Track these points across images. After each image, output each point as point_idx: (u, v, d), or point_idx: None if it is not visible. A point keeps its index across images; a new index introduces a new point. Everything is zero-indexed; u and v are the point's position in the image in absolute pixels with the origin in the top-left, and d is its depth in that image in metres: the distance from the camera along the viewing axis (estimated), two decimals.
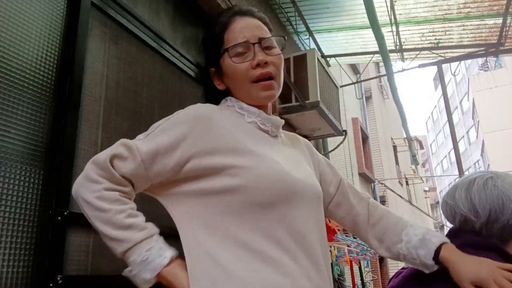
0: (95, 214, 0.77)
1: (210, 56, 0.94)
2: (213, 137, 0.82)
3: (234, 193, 0.79)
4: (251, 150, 0.83)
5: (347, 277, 4.15)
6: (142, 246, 0.77)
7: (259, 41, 0.88)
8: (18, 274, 1.13)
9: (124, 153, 0.80)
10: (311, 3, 3.61)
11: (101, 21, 1.61)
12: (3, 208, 1.12)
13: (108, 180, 0.79)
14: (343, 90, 6.22)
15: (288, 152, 0.94)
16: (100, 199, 0.77)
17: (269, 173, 0.80)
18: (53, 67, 1.35)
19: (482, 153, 27.74)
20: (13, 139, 1.18)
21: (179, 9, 2.24)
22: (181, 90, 2.12)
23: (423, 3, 3.69)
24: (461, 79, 31.17)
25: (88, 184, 0.78)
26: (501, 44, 4.09)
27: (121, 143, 0.82)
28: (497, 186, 0.97)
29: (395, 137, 11.88)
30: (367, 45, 4.44)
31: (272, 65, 0.89)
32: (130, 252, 0.76)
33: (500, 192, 0.96)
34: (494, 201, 0.96)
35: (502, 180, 0.99)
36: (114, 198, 0.78)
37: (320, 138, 4.04)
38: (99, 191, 0.77)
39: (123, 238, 0.76)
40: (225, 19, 0.92)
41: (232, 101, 0.93)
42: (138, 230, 0.78)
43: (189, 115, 0.85)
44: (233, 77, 0.90)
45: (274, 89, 0.90)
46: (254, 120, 0.90)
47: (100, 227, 0.77)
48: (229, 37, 0.89)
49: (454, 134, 4.60)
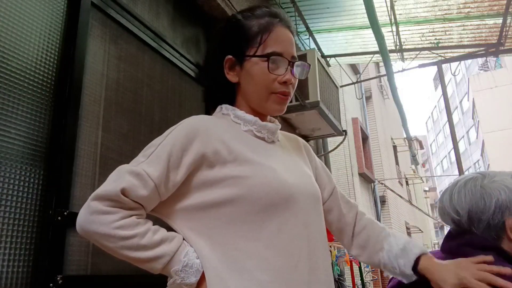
0: (121, 245, 0.75)
1: (235, 44, 0.91)
2: (211, 149, 0.82)
3: (233, 204, 0.80)
4: (248, 159, 0.84)
5: (347, 277, 4.15)
6: (179, 254, 0.78)
7: (292, 60, 0.90)
8: (18, 274, 1.13)
9: (134, 182, 0.78)
10: (311, 3, 3.61)
11: (101, 21, 1.61)
12: (3, 208, 1.12)
13: (122, 209, 0.77)
14: (343, 90, 6.22)
15: (286, 156, 0.95)
16: (120, 228, 0.75)
17: (264, 182, 0.81)
18: (53, 67, 1.35)
19: (482, 153, 27.74)
20: (13, 139, 1.18)
21: (179, 9, 2.24)
22: (181, 90, 2.12)
23: (423, 3, 3.69)
24: (461, 79, 31.17)
25: (100, 217, 0.75)
26: (501, 44, 4.09)
27: (126, 171, 0.79)
28: (478, 186, 0.97)
29: (395, 137, 11.88)
30: (367, 45, 4.44)
31: (292, 86, 0.91)
32: (171, 263, 0.77)
33: (482, 191, 0.95)
34: (473, 201, 0.95)
35: (489, 179, 0.98)
36: (134, 223, 0.77)
37: (320, 138, 4.04)
38: (116, 221, 0.75)
39: (160, 254, 0.77)
40: (267, 20, 0.91)
41: (228, 109, 0.93)
42: (169, 241, 0.79)
43: (187, 128, 0.84)
44: (257, 80, 0.89)
45: (286, 105, 0.92)
46: (250, 129, 0.91)
47: (131, 254, 0.76)
48: (269, 42, 0.89)
49: (454, 134, 4.59)
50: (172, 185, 0.81)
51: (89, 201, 0.76)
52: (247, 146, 0.87)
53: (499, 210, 0.93)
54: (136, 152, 0.89)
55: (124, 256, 0.76)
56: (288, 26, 0.93)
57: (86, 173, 1.41)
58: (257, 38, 0.89)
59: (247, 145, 0.88)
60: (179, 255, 0.78)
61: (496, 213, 0.93)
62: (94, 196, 0.76)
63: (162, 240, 0.78)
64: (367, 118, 9.30)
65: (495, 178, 0.98)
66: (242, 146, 0.86)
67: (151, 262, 0.77)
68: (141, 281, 1.56)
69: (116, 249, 0.75)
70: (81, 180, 1.39)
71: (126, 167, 0.80)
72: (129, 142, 1.65)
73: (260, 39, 0.89)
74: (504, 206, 0.93)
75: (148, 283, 1.60)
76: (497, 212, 0.93)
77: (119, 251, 0.75)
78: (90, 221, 0.75)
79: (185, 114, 2.10)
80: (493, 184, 0.96)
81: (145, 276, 1.59)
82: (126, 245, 0.75)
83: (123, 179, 0.77)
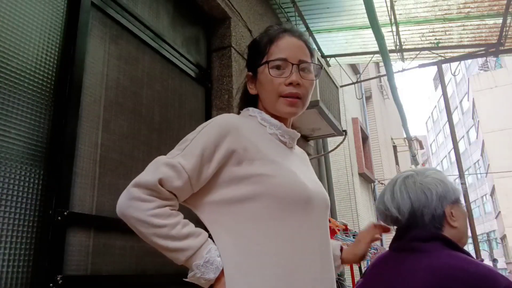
0: (153, 232, 0.81)
1: (252, 61, 1.02)
2: (241, 146, 0.89)
3: (257, 200, 0.86)
4: (273, 160, 0.90)
5: (347, 277, 4.15)
6: (202, 250, 0.84)
7: (299, 63, 0.96)
8: (18, 274, 1.13)
9: (170, 173, 0.84)
10: (311, 3, 3.61)
11: (101, 21, 1.61)
12: (3, 208, 1.12)
13: (158, 198, 0.83)
14: (343, 90, 6.22)
15: (300, 163, 1.02)
16: (155, 216, 0.81)
17: (288, 182, 0.88)
18: (53, 67, 1.35)
19: (482, 153, 27.74)
20: (13, 139, 1.18)
21: (179, 9, 2.24)
22: (181, 90, 2.12)
23: (423, 3, 3.68)
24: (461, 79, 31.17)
25: (138, 204, 0.81)
26: (501, 44, 4.09)
27: (163, 163, 0.85)
28: (418, 182, 1.07)
29: (395, 137, 11.87)
30: (367, 45, 4.44)
31: (303, 88, 0.96)
32: (193, 257, 0.83)
33: (422, 186, 1.06)
34: (415, 196, 1.05)
35: (423, 176, 1.08)
36: (167, 214, 0.83)
37: (320, 138, 4.03)
38: (152, 209, 0.82)
39: (185, 247, 0.82)
40: (274, 33, 0.99)
41: (255, 111, 1.00)
42: (195, 237, 0.84)
43: (219, 125, 0.90)
44: (265, 87, 0.97)
45: (298, 107, 0.97)
46: (275, 132, 0.98)
47: (160, 242, 0.82)
48: (273, 50, 0.97)
49: (454, 134, 4.59)
50: (204, 178, 0.87)
51: (129, 187, 0.83)
52: (272, 147, 0.94)
53: (439, 201, 1.04)
54: (136, 152, 0.90)
55: (153, 242, 0.82)
56: (298, 35, 1.00)
57: (86, 173, 1.41)
58: (264, 49, 0.98)
59: (272, 147, 0.95)
60: (202, 251, 0.83)
61: (438, 204, 1.04)
62: (134, 183, 0.83)
63: (189, 234, 0.84)
64: (367, 118, 9.30)
65: (427, 173, 1.09)
66: (268, 147, 0.93)
67: (176, 253, 0.82)
68: (141, 281, 1.56)
69: (147, 234, 0.81)
70: (81, 180, 1.39)
71: (163, 158, 0.86)
72: (129, 142, 1.65)
73: (266, 50, 0.98)
74: (442, 196, 1.05)
75: (148, 283, 1.60)
76: (438, 203, 1.04)
77: (150, 237, 0.81)
78: (128, 205, 0.82)
79: (185, 114, 2.10)
80: (428, 179, 1.07)
81: (145, 276, 1.59)
82: (156, 233, 0.81)
83: (160, 170, 0.83)
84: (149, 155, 1.72)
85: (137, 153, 1.68)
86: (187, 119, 2.12)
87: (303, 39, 1.00)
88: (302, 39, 1.00)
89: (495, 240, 29.19)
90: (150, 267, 1.61)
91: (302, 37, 1.00)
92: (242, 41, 2.60)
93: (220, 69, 2.41)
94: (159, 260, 1.64)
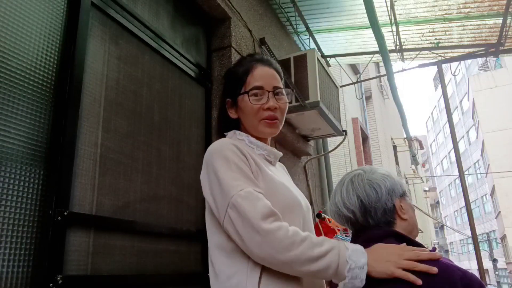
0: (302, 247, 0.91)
1: (230, 89, 1.18)
2: (251, 161, 1.05)
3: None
4: (268, 174, 1.06)
5: None
6: (340, 243, 0.96)
7: (273, 89, 1.13)
8: (18, 274, 1.13)
9: (259, 201, 0.95)
10: (311, 3, 3.61)
11: (101, 21, 1.61)
12: (3, 208, 1.12)
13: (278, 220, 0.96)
14: (343, 90, 6.22)
15: (283, 176, 1.22)
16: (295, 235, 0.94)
17: (282, 191, 1.05)
18: (53, 67, 1.35)
19: (482, 153, 27.74)
20: (13, 139, 1.18)
21: (179, 9, 2.24)
22: (181, 90, 2.12)
23: (423, 3, 3.68)
24: (461, 79, 31.17)
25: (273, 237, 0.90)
26: (501, 44, 4.09)
27: (241, 198, 0.94)
28: (365, 180, 1.10)
29: (395, 137, 11.88)
30: (367, 45, 4.43)
31: (279, 110, 1.14)
32: (342, 252, 0.92)
33: (370, 183, 1.09)
34: (365, 193, 1.07)
35: (370, 173, 1.12)
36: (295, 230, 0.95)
37: (320, 138, 4.03)
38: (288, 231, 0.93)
39: (329, 248, 0.92)
40: (248, 64, 1.16)
41: (242, 135, 1.16)
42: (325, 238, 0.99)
43: (229, 150, 1.03)
44: (246, 112, 1.13)
45: (277, 127, 1.16)
46: (262, 153, 1.15)
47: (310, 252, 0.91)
48: (250, 80, 1.14)
49: (454, 134, 4.59)
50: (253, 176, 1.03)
51: (255, 226, 0.90)
52: (262, 164, 1.09)
53: (389, 195, 1.07)
54: (136, 152, 0.89)
55: (307, 257, 0.90)
56: (269, 64, 1.17)
57: (86, 173, 1.41)
58: (242, 80, 1.15)
59: (262, 164, 1.09)
60: (341, 243, 0.95)
61: (388, 198, 1.07)
62: (258, 218, 0.92)
63: (324, 240, 0.94)
64: (367, 118, 9.30)
65: (373, 170, 1.14)
66: (260, 164, 1.08)
67: (326, 257, 0.90)
68: (141, 281, 1.56)
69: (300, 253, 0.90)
70: (81, 180, 1.39)
71: (236, 197, 0.94)
72: (129, 142, 1.65)
73: (244, 80, 1.14)
74: (391, 190, 1.08)
75: (148, 283, 1.60)
76: (388, 197, 1.07)
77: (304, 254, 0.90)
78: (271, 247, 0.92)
79: (185, 114, 2.10)
80: (375, 175, 1.11)
81: (145, 276, 1.59)
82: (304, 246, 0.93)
83: (258, 206, 0.93)
84: (149, 155, 1.72)
85: (137, 153, 1.67)
86: (187, 119, 2.12)
87: (274, 67, 1.18)
88: (273, 67, 1.17)
89: (495, 240, 29.19)
90: (150, 267, 1.61)
91: (273, 65, 1.18)
92: (242, 41, 2.60)
93: (220, 69, 2.40)
94: (159, 260, 1.64)
